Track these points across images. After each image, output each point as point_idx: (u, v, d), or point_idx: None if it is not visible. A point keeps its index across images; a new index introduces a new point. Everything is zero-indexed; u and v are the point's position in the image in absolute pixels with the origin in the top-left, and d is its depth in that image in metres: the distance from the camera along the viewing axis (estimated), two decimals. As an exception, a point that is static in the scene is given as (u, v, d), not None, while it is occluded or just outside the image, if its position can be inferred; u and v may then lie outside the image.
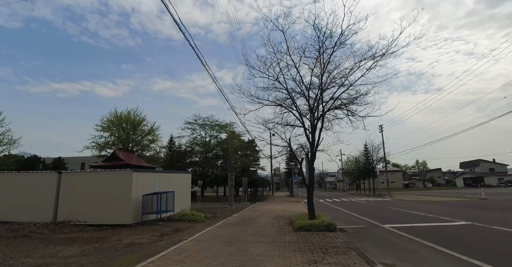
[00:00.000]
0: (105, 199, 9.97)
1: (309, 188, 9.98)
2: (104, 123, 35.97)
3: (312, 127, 10.06)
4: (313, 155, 9.97)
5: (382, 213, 14.57)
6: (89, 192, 10.22)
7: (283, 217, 12.29)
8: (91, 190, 10.22)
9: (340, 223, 10.76)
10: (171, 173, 13.30)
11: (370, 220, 11.76)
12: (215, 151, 41.22)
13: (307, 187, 10.08)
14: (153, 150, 39.95)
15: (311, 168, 10.04)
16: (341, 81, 8.91)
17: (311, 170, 10.07)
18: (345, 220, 12.05)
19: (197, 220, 10.50)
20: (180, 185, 13.77)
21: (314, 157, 10.01)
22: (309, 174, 10.11)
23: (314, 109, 9.90)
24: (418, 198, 29.38)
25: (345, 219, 12.20)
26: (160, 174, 11.94)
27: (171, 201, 10.87)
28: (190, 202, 14.98)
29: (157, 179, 11.65)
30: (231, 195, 17.43)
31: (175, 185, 13.24)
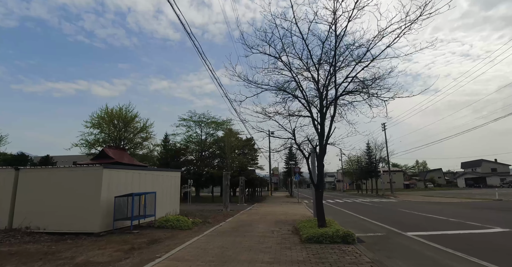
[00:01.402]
0: (70, 201, 8.16)
1: (318, 188, 8.24)
2: (94, 119, 34.03)
3: (322, 115, 8.31)
4: (323, 149, 8.23)
5: (396, 217, 12.85)
6: (52, 192, 8.40)
7: (285, 222, 10.53)
8: (53, 190, 8.41)
9: (352, 229, 9.05)
10: (155, 170, 11.51)
11: (386, 226, 10.03)
12: (212, 149, 39.35)
13: (315, 187, 8.34)
14: (146, 148, 38.05)
15: (320, 165, 8.30)
16: (359, 55, 7.16)
17: (320, 166, 8.33)
18: (357, 225, 10.31)
19: (182, 227, 8.71)
20: (166, 185, 11.98)
21: (324, 151, 8.26)
22: (317, 171, 8.37)
23: (324, 93, 8.16)
24: (425, 199, 27.74)
25: (357, 225, 10.46)
26: (141, 172, 10.14)
27: (151, 203, 9.09)
28: (179, 204, 13.18)
29: (137, 178, 9.85)
30: (226, 196, 15.67)
31: (160, 185, 11.44)
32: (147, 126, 36.11)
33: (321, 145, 8.32)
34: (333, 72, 7.57)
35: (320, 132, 8.32)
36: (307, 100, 8.63)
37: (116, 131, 34.30)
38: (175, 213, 11.77)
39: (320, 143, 8.35)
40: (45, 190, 8.46)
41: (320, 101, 8.22)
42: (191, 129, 38.46)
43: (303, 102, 8.80)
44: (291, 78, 8.86)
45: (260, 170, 42.66)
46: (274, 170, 72.10)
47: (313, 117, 8.58)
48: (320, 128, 8.34)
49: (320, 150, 8.35)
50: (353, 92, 7.84)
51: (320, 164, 8.29)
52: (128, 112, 35.19)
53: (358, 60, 7.15)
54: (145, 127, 36.03)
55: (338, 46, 7.20)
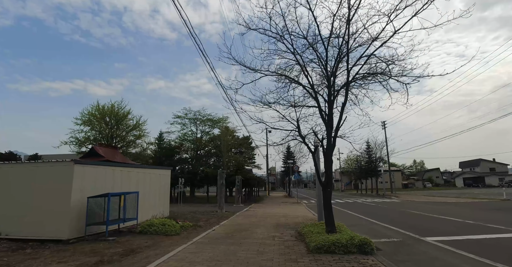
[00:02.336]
0: (36, 203, 6.94)
1: (326, 188, 7.09)
2: (84, 116, 32.57)
3: (330, 104, 7.17)
4: (331, 143, 7.08)
5: (406, 219, 11.76)
6: (14, 191, 7.17)
7: (287, 226, 9.38)
8: (17, 189, 7.17)
9: (363, 234, 7.93)
10: (142, 168, 10.30)
11: (400, 230, 8.92)
12: (208, 148, 38.08)
13: (323, 186, 7.18)
14: (140, 146, 36.67)
15: (329, 160, 7.16)
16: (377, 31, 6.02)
17: (328, 162, 7.18)
18: (367, 229, 9.18)
19: (168, 232, 7.52)
20: (155, 184, 10.77)
21: (333, 145, 7.12)
22: (325, 168, 7.22)
23: (332, 78, 7.01)
24: (428, 199, 26.77)
25: (366, 229, 9.34)
26: (123, 169, 8.91)
27: (133, 205, 7.89)
28: (168, 205, 11.98)
29: (119, 176, 8.63)
30: (221, 196, 14.48)
31: (147, 184, 10.24)
32: (140, 124, 34.71)
33: (329, 138, 7.18)
34: (345, 51, 6.42)
35: (328, 123, 7.17)
36: (313, 86, 7.48)
37: (108, 129, 32.92)
38: (164, 215, 10.57)
39: (328, 135, 7.20)
40: (6, 189, 7.21)
41: (329, 86, 7.07)
42: (186, 127, 37.15)
43: (308, 89, 7.65)
44: (295, 62, 7.72)
45: (258, 169, 41.57)
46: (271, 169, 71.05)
47: (320, 107, 7.43)
48: (328, 118, 7.19)
49: (328, 144, 7.21)
50: (370, 75, 6.69)
51: (328, 160, 7.15)
52: (120, 109, 33.79)
53: (376, 35, 6.00)
54: (138, 124, 34.64)
55: (351, 19, 6.05)
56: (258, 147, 41.59)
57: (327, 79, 7.01)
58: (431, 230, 9.03)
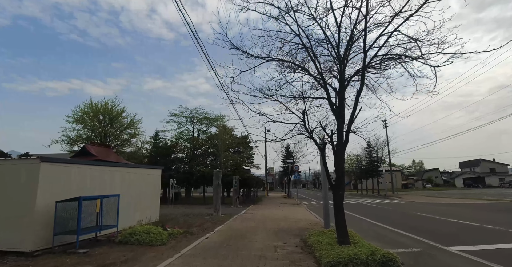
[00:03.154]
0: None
1: (338, 190, 6.06)
2: (76, 114, 31.37)
3: (342, 91, 6.15)
4: (343, 138, 6.07)
5: (419, 223, 10.76)
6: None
7: (289, 232, 8.35)
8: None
9: (376, 242, 6.93)
10: (127, 167, 9.22)
11: (417, 237, 7.91)
12: (205, 148, 36.98)
13: (334, 188, 6.15)
14: (134, 145, 35.50)
15: (340, 158, 6.13)
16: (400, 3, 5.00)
17: (339, 160, 6.15)
18: (379, 236, 8.17)
19: (153, 241, 6.46)
20: (142, 185, 9.71)
21: (345, 140, 6.10)
22: (336, 167, 6.20)
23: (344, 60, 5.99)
24: (433, 199, 25.86)
25: (378, 235, 8.33)
26: (104, 168, 7.83)
27: (113, 210, 6.83)
28: (158, 208, 10.92)
29: (98, 176, 7.56)
30: (217, 197, 13.43)
31: (133, 185, 9.18)
32: (135, 122, 33.56)
33: (341, 133, 6.16)
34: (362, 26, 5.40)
35: (340, 114, 6.15)
36: (321, 72, 6.45)
37: (101, 127, 31.75)
38: (151, 220, 9.52)
39: (339, 129, 6.18)
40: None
41: (340, 71, 6.05)
42: (182, 125, 36.05)
43: (316, 76, 6.63)
44: (299, 45, 6.69)
45: (256, 169, 40.53)
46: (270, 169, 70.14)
47: (329, 96, 6.42)
48: (340, 109, 6.18)
49: (339, 139, 6.19)
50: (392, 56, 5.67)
51: (340, 158, 6.12)
52: (114, 107, 32.62)
53: (401, 8, 4.97)
54: (133, 123, 33.49)
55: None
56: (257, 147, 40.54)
57: (338, 61, 5.99)
58: (452, 237, 8.04)
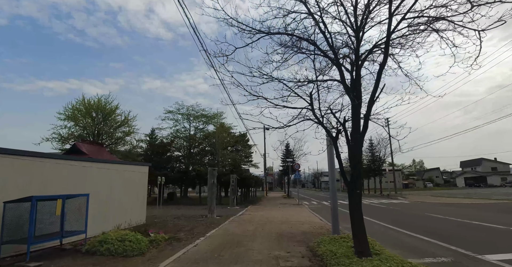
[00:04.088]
0: None
1: (355, 189, 4.90)
2: (68, 111, 30.11)
3: (358, 67, 5.01)
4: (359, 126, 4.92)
5: (436, 226, 9.61)
6: None
7: (292, 238, 7.18)
8: None
9: (396, 250, 5.80)
10: (104, 163, 8.01)
11: (442, 244, 6.76)
12: (202, 146, 35.78)
13: (350, 187, 4.99)
14: (129, 143, 34.26)
15: (357, 149, 4.97)
16: None
17: (356, 152, 4.99)
18: (397, 242, 7.02)
19: (128, 252, 5.29)
20: (124, 183, 8.53)
21: (363, 129, 4.95)
22: (352, 161, 5.03)
23: (362, 27, 4.84)
24: (438, 199, 24.76)
25: (395, 241, 7.17)
26: (74, 164, 6.64)
27: (80, 213, 5.64)
28: (145, 210, 9.74)
29: (66, 173, 6.38)
30: (211, 198, 12.26)
31: (113, 183, 8.00)
32: (129, 120, 32.32)
33: (357, 118, 5.01)
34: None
35: (356, 96, 4.99)
36: (332, 45, 5.28)
37: (94, 125, 30.50)
38: (134, 223, 8.34)
39: (355, 114, 5.03)
40: None
41: (357, 41, 4.90)
42: (178, 123, 34.83)
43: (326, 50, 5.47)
44: (306, 15, 5.53)
45: (255, 168, 39.36)
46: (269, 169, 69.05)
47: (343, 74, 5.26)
48: (356, 87, 5.03)
49: (354, 126, 5.03)
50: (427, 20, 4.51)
51: (358, 149, 4.97)
52: (107, 104, 31.37)
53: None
54: (127, 120, 32.24)
55: None
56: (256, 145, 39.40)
57: (355, 28, 4.83)
58: (481, 242, 6.90)
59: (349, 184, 5.02)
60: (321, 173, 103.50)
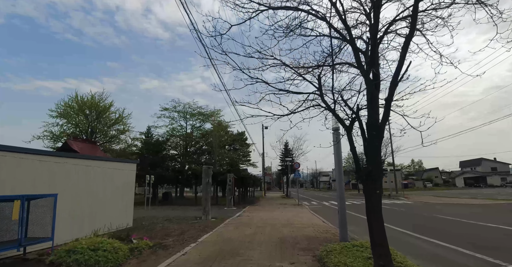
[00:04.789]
0: None
1: (374, 189, 4.04)
2: (60, 107, 29.11)
3: (374, 41, 4.16)
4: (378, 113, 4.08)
5: (452, 229, 8.77)
6: None
7: (296, 244, 6.31)
8: None
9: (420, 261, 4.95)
10: (82, 159, 7.08)
11: (467, 251, 5.91)
12: (199, 145, 34.84)
13: (367, 184, 4.13)
14: (124, 142, 33.28)
15: (377, 140, 4.12)
16: None
17: (374, 144, 4.13)
18: (419, 251, 6.16)
19: (101, 263, 4.41)
20: (106, 183, 7.63)
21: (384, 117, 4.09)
22: (370, 153, 4.16)
23: None
24: (442, 200, 24.00)
25: (411, 247, 6.31)
26: (44, 159, 5.74)
27: (47, 216, 4.74)
28: (131, 211, 8.85)
29: (33, 170, 5.46)
30: (206, 198, 11.36)
31: (93, 182, 7.10)
32: (124, 117, 31.33)
33: (376, 102, 4.16)
34: None
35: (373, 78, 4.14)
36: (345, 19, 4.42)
37: (88, 123, 29.51)
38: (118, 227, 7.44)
39: (373, 98, 4.18)
40: None
41: (376, 9, 4.03)
42: (174, 121, 33.85)
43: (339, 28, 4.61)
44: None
45: (253, 167, 38.47)
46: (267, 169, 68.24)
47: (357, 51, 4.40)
48: (373, 61, 4.17)
49: (371, 113, 4.18)
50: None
51: (378, 140, 4.11)
52: (101, 101, 30.39)
53: None
54: (122, 118, 31.25)
55: None
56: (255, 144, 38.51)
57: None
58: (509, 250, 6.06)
59: (367, 183, 4.15)
60: (320, 172, 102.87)
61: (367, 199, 4.14)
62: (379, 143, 4.12)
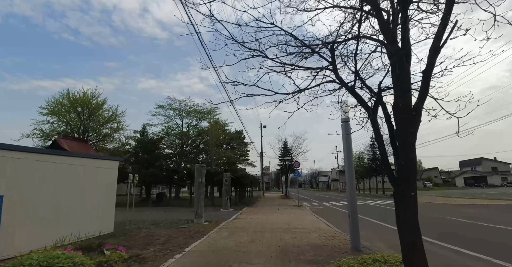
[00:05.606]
0: None
1: (408, 189, 3.05)
2: (50, 105, 27.98)
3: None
4: (409, 91, 3.09)
5: (478, 235, 7.81)
6: None
7: (302, 256, 5.30)
8: None
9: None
10: (47, 154, 6.02)
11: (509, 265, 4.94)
12: (196, 144, 33.78)
13: (398, 184, 3.13)
14: (118, 141, 32.14)
15: (411, 125, 3.13)
16: None
17: (408, 129, 3.14)
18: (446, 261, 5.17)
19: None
20: (77, 183, 6.60)
21: (421, 96, 3.10)
22: (402, 145, 3.17)
23: None
24: (448, 200, 23.07)
25: (442, 260, 5.32)
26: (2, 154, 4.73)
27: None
28: (113, 214, 7.82)
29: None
30: (199, 199, 10.33)
31: (63, 182, 6.07)
32: (117, 115, 30.22)
33: (403, 81, 3.18)
34: None
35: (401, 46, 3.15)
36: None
37: (80, 121, 28.40)
38: (88, 235, 6.41)
39: (401, 78, 3.19)
40: None
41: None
42: (170, 119, 32.75)
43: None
44: None
45: (251, 166, 37.44)
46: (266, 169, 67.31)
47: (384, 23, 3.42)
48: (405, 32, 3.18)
49: (399, 94, 3.19)
50: None
51: (412, 125, 3.12)
52: (94, 98, 29.28)
53: None
54: (115, 116, 30.14)
55: None
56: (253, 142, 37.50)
57: None
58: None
59: (399, 183, 3.15)
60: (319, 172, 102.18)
61: (398, 205, 3.15)
62: (415, 129, 3.12)
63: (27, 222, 5.17)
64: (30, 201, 5.29)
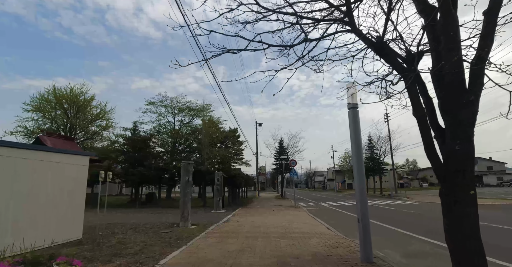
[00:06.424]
0: None
1: (466, 185, 2.06)
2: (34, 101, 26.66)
3: None
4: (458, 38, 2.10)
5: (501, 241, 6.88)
6: None
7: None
8: None
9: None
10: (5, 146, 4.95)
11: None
12: (188, 142, 32.62)
13: (450, 180, 2.14)
14: (107, 139, 30.82)
15: (470, 87, 2.14)
16: None
17: (468, 114, 2.16)
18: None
19: None
20: (33, 182, 5.49)
21: (482, 43, 2.11)
22: (454, 133, 2.19)
23: None
24: (449, 200, 22.32)
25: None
26: None
27: None
28: (81, 218, 6.72)
29: None
30: (185, 200, 9.25)
31: (12, 182, 4.96)
32: (106, 112, 28.95)
33: (450, 29, 2.18)
34: None
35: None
36: None
37: (66, 118, 27.06)
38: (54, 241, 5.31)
39: (448, 26, 2.19)
40: None
41: None
42: (162, 116, 31.57)
43: None
44: None
45: (246, 166, 36.36)
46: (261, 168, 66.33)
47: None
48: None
49: (448, 50, 2.20)
50: None
51: (475, 88, 2.13)
52: (81, 94, 27.98)
53: None
54: (104, 113, 28.87)
55: None
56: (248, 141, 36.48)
57: None
58: None
59: (451, 177, 2.14)
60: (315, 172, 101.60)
61: (447, 208, 2.14)
62: (476, 97, 2.12)
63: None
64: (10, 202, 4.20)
